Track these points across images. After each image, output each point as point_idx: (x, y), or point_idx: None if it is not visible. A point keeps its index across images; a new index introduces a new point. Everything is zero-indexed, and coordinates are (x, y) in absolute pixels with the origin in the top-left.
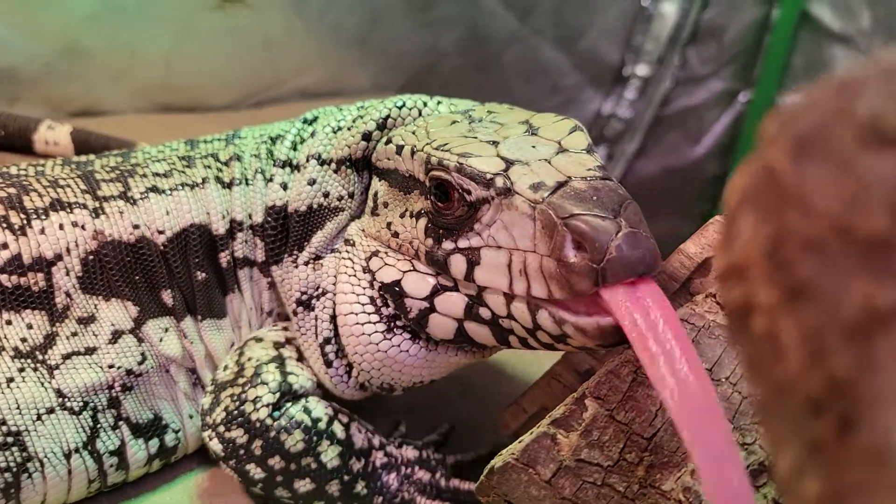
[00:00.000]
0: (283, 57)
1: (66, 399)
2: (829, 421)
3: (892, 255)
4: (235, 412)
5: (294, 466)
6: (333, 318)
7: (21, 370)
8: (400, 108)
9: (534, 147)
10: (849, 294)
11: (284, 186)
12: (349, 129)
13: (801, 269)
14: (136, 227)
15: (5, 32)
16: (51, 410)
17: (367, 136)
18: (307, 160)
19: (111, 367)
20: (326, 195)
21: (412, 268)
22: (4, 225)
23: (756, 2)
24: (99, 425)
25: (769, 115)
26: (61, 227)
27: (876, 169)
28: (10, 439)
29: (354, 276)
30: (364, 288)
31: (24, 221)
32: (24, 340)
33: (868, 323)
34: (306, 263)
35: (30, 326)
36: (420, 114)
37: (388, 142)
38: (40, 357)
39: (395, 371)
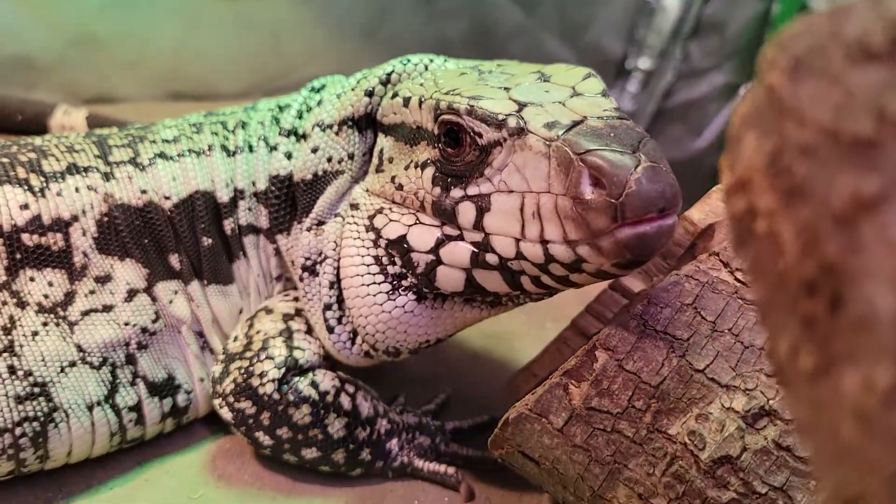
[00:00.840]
0: (291, 47)
1: (87, 354)
2: (821, 300)
3: (875, 151)
4: (244, 384)
5: (301, 437)
6: (333, 284)
7: (45, 324)
8: (405, 64)
9: (547, 91)
10: (838, 188)
11: (289, 156)
12: (353, 89)
13: (797, 173)
14: (143, 191)
15: (23, 22)
16: (73, 364)
17: (370, 93)
18: (312, 128)
19: (127, 324)
20: (330, 160)
21: (416, 221)
22: (25, 187)
23: None
24: (118, 381)
25: (769, 43)
26: (77, 189)
27: (861, 80)
28: (36, 390)
29: (359, 237)
30: (368, 248)
31: (44, 184)
32: (46, 297)
33: (854, 211)
34: (309, 229)
35: (51, 284)
36: (426, 69)
37: (395, 95)
38: (62, 313)
39: (399, 332)
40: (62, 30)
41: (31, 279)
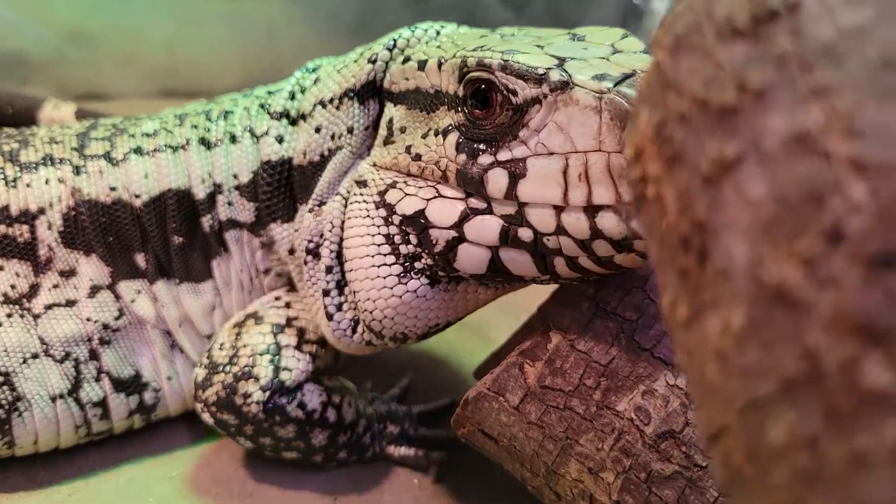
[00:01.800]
0: (282, 43)
1: (49, 347)
2: (692, 254)
3: (737, 118)
4: (227, 400)
5: (284, 445)
6: (330, 268)
7: (9, 315)
8: (413, 31)
9: (585, 49)
10: (706, 151)
11: (280, 139)
12: (356, 61)
13: (676, 140)
14: (113, 188)
15: (16, 18)
16: (35, 356)
17: (373, 60)
18: (313, 107)
19: (89, 319)
20: (333, 137)
21: (437, 194)
22: (1, 176)
23: None
24: (82, 376)
25: (671, 16)
26: (47, 181)
27: (728, 55)
28: (0, 379)
29: (368, 215)
30: (378, 226)
31: (17, 173)
32: (13, 287)
33: (718, 172)
34: (311, 211)
35: (17, 275)
36: (438, 34)
37: (406, 60)
38: (27, 305)
39: (409, 318)
40: (56, 26)
41: (0, 268)
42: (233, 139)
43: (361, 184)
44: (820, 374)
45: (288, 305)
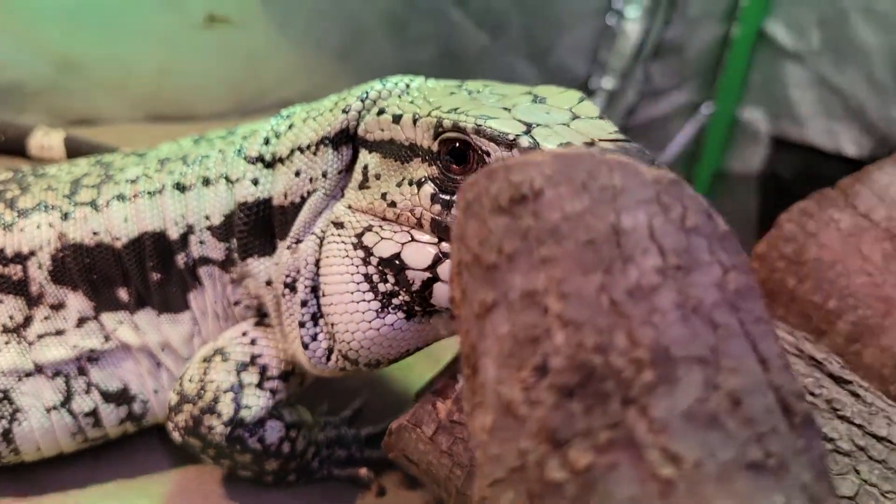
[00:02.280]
0: (267, 70)
1: (42, 367)
2: (469, 366)
3: (496, 273)
4: (193, 429)
5: (240, 466)
6: (305, 302)
7: (7, 342)
8: (384, 83)
9: (548, 113)
10: (477, 295)
11: (256, 182)
12: (331, 110)
13: (463, 281)
14: (95, 233)
15: (11, 50)
16: (29, 374)
17: (346, 111)
18: (292, 153)
19: (76, 346)
20: (311, 180)
21: (411, 238)
22: (1, 222)
23: (716, 21)
24: (73, 389)
25: (466, 184)
26: (38, 226)
27: (494, 224)
28: (0, 395)
29: (347, 255)
30: (357, 266)
31: (14, 218)
32: (11, 318)
33: (483, 312)
34: (289, 248)
35: (13, 308)
36: (408, 87)
37: (381, 112)
38: (22, 333)
39: (384, 348)
40: (50, 57)
41: (0, 302)
42: (206, 182)
43: (339, 225)
44: (525, 468)
45: (253, 342)
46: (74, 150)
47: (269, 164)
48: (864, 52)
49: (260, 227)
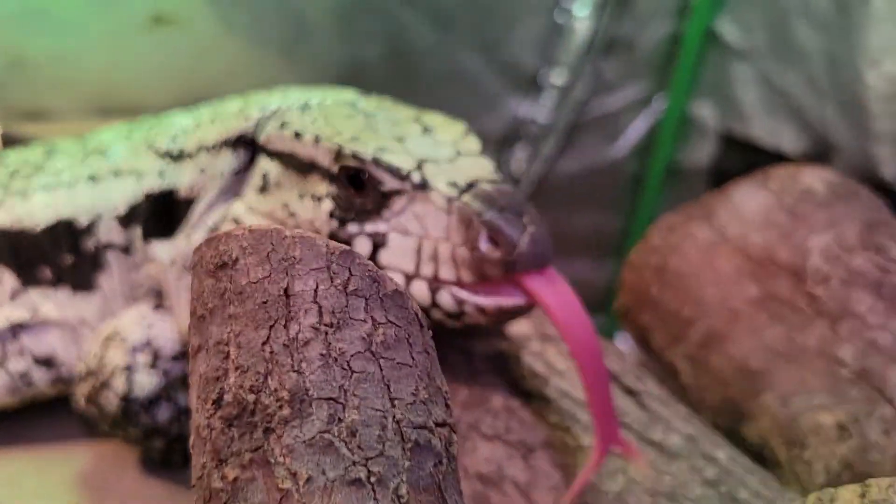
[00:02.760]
0: (213, 65)
1: None
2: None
3: (203, 324)
4: (91, 401)
5: (133, 440)
6: None
7: None
8: (284, 99)
9: (435, 148)
10: (193, 341)
11: (162, 175)
12: (234, 115)
13: (197, 331)
14: (20, 219)
15: None
16: None
17: (247, 118)
18: (197, 151)
19: (8, 318)
20: (212, 178)
21: None
22: None
23: (666, 18)
24: (8, 352)
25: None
26: None
27: (206, 283)
28: None
29: None
30: None
31: None
32: None
33: (193, 353)
34: (187, 235)
35: None
36: (307, 105)
37: (283, 126)
38: None
39: None
40: None
41: None
42: (116, 174)
43: (237, 223)
44: (202, 478)
45: (150, 326)
46: (10, 143)
47: (176, 158)
48: (804, 54)
49: (163, 216)
